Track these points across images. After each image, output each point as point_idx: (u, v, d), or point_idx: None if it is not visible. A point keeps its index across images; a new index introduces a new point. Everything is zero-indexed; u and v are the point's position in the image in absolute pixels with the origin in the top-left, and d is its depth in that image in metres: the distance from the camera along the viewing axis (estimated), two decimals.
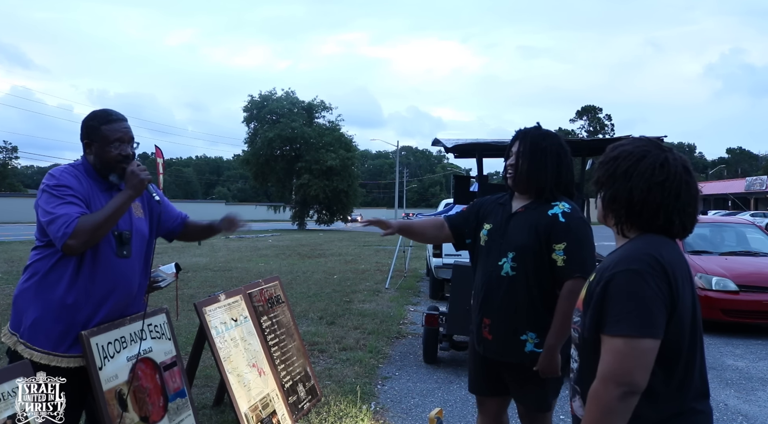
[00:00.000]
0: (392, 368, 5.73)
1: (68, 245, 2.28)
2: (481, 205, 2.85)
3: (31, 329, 2.38)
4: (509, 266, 2.57)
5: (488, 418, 2.88)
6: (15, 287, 2.54)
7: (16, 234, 27.93)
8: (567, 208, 2.55)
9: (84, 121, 2.56)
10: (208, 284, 10.87)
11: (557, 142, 2.64)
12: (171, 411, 2.87)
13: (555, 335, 2.50)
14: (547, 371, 2.56)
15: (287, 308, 4.54)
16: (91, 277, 2.43)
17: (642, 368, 1.44)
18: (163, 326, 2.98)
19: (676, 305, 1.49)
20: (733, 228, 9.95)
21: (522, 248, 2.55)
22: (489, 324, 2.64)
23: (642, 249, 1.54)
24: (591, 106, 78.57)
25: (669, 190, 1.56)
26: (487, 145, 5.92)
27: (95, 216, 2.36)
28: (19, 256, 16.12)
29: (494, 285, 2.61)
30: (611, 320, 1.48)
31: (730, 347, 6.86)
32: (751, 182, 48.05)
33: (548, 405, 2.70)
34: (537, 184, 2.59)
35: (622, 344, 1.45)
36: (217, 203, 69.28)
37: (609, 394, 1.44)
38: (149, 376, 2.79)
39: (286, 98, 43.22)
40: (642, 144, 1.64)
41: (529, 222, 2.57)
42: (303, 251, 20.00)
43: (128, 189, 2.46)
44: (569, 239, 2.50)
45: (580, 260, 2.49)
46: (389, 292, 10.40)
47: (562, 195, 2.63)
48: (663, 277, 1.48)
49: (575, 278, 2.46)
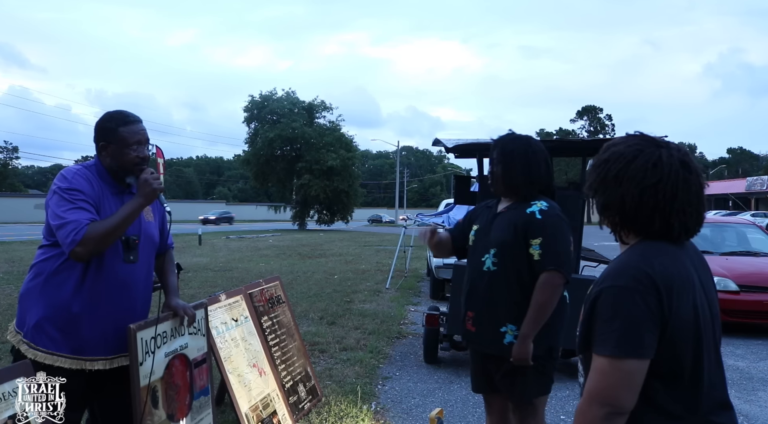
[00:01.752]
0: (393, 368, 5.73)
1: (76, 252, 2.28)
2: (473, 212, 3.08)
3: (34, 329, 2.37)
4: (491, 262, 2.76)
5: (495, 416, 2.98)
6: (15, 287, 2.55)
7: (18, 234, 27.98)
8: (544, 207, 2.74)
9: (99, 122, 2.53)
10: (208, 284, 10.88)
11: (525, 143, 2.82)
12: (194, 409, 2.86)
13: (528, 324, 2.65)
14: (518, 357, 2.66)
15: (288, 308, 4.54)
16: (97, 281, 2.42)
17: (627, 389, 1.39)
18: (200, 321, 2.99)
19: (668, 321, 1.41)
20: (734, 228, 9.95)
21: (502, 244, 2.74)
22: (472, 317, 2.83)
23: (632, 263, 1.46)
24: (591, 107, 78.58)
25: (663, 192, 1.46)
26: (487, 145, 5.89)
27: (105, 224, 2.34)
28: (20, 256, 16.15)
29: (478, 280, 2.80)
30: (597, 339, 1.44)
31: (731, 348, 6.85)
32: (751, 182, 48.03)
33: (529, 398, 2.79)
34: (511, 186, 2.79)
35: (607, 364, 1.40)
36: (217, 203, 69.41)
37: (593, 413, 1.41)
38: (181, 373, 2.78)
39: (287, 98, 43.26)
40: (635, 142, 1.54)
41: (510, 220, 2.76)
42: (303, 251, 20.01)
43: (140, 197, 2.44)
44: (544, 235, 2.68)
45: (554, 254, 2.67)
46: (390, 292, 10.40)
47: (542, 195, 2.81)
48: (652, 292, 1.40)
49: (549, 270, 2.65)
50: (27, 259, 15.16)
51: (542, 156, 2.82)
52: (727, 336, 7.40)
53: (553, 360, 2.83)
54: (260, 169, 42.67)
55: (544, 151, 2.84)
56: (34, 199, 52.09)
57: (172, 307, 2.73)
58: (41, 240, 2.50)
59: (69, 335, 2.40)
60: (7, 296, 9.08)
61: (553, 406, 4.70)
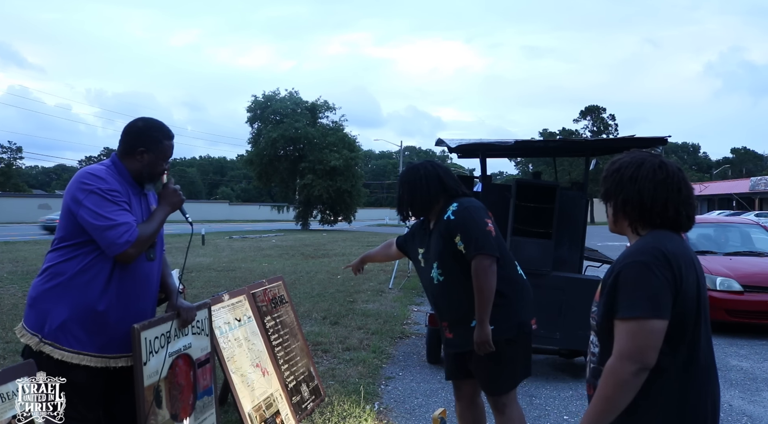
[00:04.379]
0: (396, 368, 5.73)
1: (128, 253, 2.37)
2: (415, 230, 3.35)
3: (58, 330, 2.37)
4: (437, 273, 3.05)
5: (464, 401, 3.26)
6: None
7: (21, 234, 28.04)
8: (455, 207, 3.00)
9: (144, 128, 2.57)
10: (211, 284, 10.89)
11: (416, 168, 3.16)
12: (198, 409, 2.86)
13: (478, 309, 2.87)
14: (478, 341, 2.87)
15: (291, 308, 4.54)
16: (122, 281, 2.46)
17: (652, 347, 1.63)
18: (204, 321, 3.00)
19: (680, 290, 1.68)
20: (738, 228, 9.90)
21: (440, 255, 3.02)
22: (447, 326, 3.10)
23: (649, 244, 1.74)
24: (595, 106, 78.29)
25: (671, 186, 1.78)
26: (490, 145, 5.91)
27: (149, 227, 2.48)
28: (23, 256, 16.17)
29: (435, 293, 3.09)
30: (623, 305, 1.67)
31: (735, 348, 6.84)
32: (755, 182, 47.85)
33: (501, 389, 3.03)
34: (422, 209, 3.12)
35: (635, 326, 1.64)
36: (220, 203, 69.44)
37: (625, 370, 1.63)
38: (185, 372, 2.79)
39: (290, 98, 43.23)
40: (636, 154, 1.87)
41: (438, 233, 3.05)
42: (306, 251, 20.01)
43: (167, 205, 2.61)
44: (460, 229, 2.94)
45: (473, 240, 2.89)
46: (393, 292, 10.40)
47: (455, 197, 3.07)
48: (667, 266, 1.67)
49: (474, 256, 2.87)
50: (31, 259, 15.18)
51: (436, 170, 3.12)
52: (731, 336, 7.38)
53: (526, 335, 3.01)
54: (263, 169, 42.67)
55: (435, 166, 3.16)
56: (37, 200, 52.20)
57: (176, 307, 2.75)
58: (53, 242, 2.49)
59: (95, 334, 2.42)
60: (11, 296, 9.10)
61: (557, 406, 4.69)
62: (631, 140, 5.61)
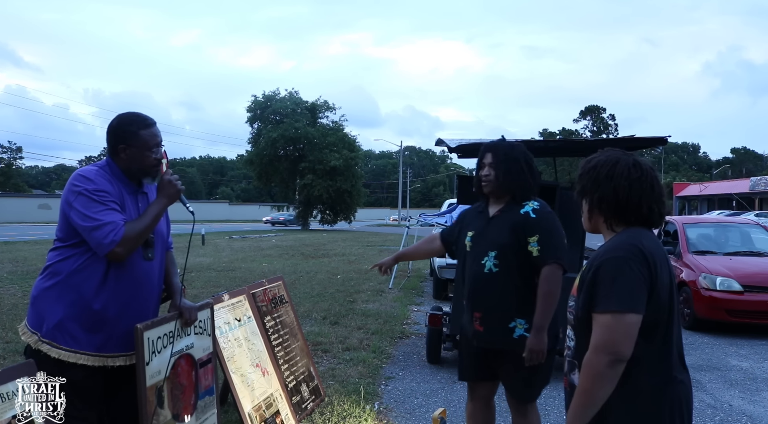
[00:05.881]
0: (396, 368, 5.73)
1: (115, 253, 2.34)
2: (464, 216, 3.25)
3: (55, 329, 2.38)
4: (492, 263, 2.93)
5: (479, 402, 3.16)
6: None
7: (21, 234, 28.06)
8: (536, 206, 2.94)
9: (117, 125, 2.54)
10: (211, 284, 10.90)
11: (523, 151, 3.03)
12: (199, 409, 2.86)
13: (540, 315, 2.82)
14: (535, 348, 2.81)
15: (291, 308, 4.54)
16: (118, 280, 2.45)
17: (627, 339, 1.68)
18: (206, 321, 2.98)
19: (655, 285, 1.74)
20: (738, 228, 9.91)
21: (503, 246, 2.92)
22: (480, 317, 2.97)
23: (626, 240, 1.79)
24: (595, 106, 78.46)
25: (645, 184, 1.83)
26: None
27: (139, 224, 2.42)
28: (23, 256, 16.18)
29: (480, 282, 2.97)
30: (600, 299, 1.73)
31: (735, 348, 6.83)
32: (755, 182, 47.79)
33: (533, 396, 3.01)
34: (510, 189, 2.97)
35: (610, 319, 1.69)
36: (220, 203, 69.42)
37: (600, 362, 1.68)
38: (187, 372, 2.78)
39: (290, 98, 43.27)
40: (611, 153, 1.92)
41: (506, 223, 2.94)
42: (306, 251, 20.02)
43: (164, 198, 2.52)
44: (541, 232, 2.88)
45: (552, 247, 2.88)
46: (393, 292, 10.40)
47: (531, 195, 3.00)
48: (643, 262, 1.73)
49: (550, 263, 2.85)
50: (31, 259, 15.18)
51: (533, 163, 3.05)
52: (731, 336, 7.39)
53: (560, 342, 2.97)
54: (263, 169, 42.71)
55: (533, 158, 3.08)
56: (38, 200, 52.22)
57: (178, 307, 2.73)
58: (53, 242, 2.50)
59: (92, 333, 2.41)
60: (12, 296, 9.11)
61: (557, 406, 4.69)
62: (631, 140, 5.60)
